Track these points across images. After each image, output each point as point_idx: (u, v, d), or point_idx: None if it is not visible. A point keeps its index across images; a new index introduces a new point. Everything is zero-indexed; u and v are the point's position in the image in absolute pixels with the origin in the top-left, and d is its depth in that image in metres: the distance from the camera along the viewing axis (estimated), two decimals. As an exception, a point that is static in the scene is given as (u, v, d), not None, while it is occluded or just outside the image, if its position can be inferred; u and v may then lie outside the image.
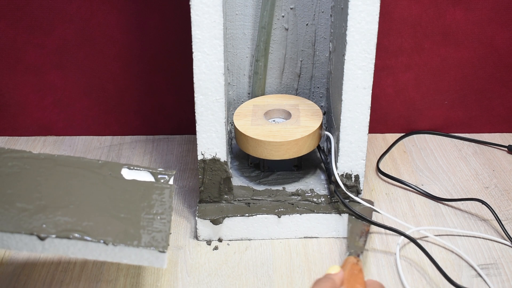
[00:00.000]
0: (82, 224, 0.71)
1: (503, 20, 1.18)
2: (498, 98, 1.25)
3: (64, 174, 0.77)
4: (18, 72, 1.20)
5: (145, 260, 0.71)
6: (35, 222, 0.70)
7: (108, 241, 0.70)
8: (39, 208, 0.72)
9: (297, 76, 1.11)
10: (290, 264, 0.94)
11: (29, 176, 0.75)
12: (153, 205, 0.76)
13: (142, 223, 0.73)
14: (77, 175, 0.78)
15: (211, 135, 0.93)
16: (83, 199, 0.74)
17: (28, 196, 0.73)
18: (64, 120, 1.25)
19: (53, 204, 0.72)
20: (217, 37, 0.87)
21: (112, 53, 1.19)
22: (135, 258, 0.71)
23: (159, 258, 0.71)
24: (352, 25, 0.86)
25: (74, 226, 0.70)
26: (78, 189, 0.75)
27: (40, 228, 0.69)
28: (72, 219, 0.71)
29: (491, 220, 1.02)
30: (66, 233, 0.69)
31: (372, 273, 0.92)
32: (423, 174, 1.15)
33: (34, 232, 0.69)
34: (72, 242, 0.70)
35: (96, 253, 0.70)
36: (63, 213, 0.72)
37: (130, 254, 0.71)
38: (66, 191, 0.75)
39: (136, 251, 0.71)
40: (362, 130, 0.93)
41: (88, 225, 0.71)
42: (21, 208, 0.71)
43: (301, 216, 0.97)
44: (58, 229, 0.70)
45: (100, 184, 0.77)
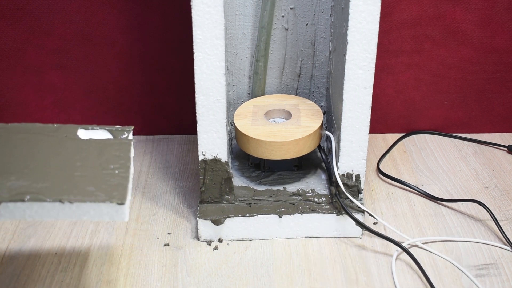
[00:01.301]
0: (37, 186, 0.70)
1: (503, 20, 1.18)
2: (498, 98, 1.25)
3: (19, 140, 0.76)
4: (18, 72, 1.20)
5: (105, 215, 0.70)
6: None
7: (64, 199, 0.69)
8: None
9: (297, 76, 1.11)
10: (290, 264, 0.94)
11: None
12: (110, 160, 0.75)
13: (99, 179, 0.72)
14: (31, 140, 0.77)
15: (212, 136, 0.93)
16: (38, 163, 0.73)
17: None
18: (64, 120, 1.25)
19: (6, 170, 0.71)
20: (218, 38, 0.87)
21: (112, 53, 1.19)
22: (94, 214, 0.70)
23: (119, 211, 0.69)
24: (353, 25, 0.86)
25: (28, 188, 0.69)
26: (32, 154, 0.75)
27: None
28: (26, 183, 0.70)
29: (490, 220, 1.02)
30: (21, 196, 0.68)
31: (372, 273, 0.92)
32: (423, 174, 1.15)
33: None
34: (27, 204, 0.68)
35: (53, 213, 0.69)
36: (17, 178, 0.71)
37: (89, 210, 0.69)
38: (21, 156, 0.74)
39: (94, 206, 0.69)
40: (363, 129, 0.93)
41: (43, 186, 0.70)
42: None
43: (302, 216, 0.97)
44: (12, 193, 0.69)
45: (56, 147, 0.76)
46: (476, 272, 0.92)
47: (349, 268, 0.93)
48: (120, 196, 0.70)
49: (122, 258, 0.95)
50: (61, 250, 0.96)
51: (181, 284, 0.90)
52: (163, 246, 0.97)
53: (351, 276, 0.92)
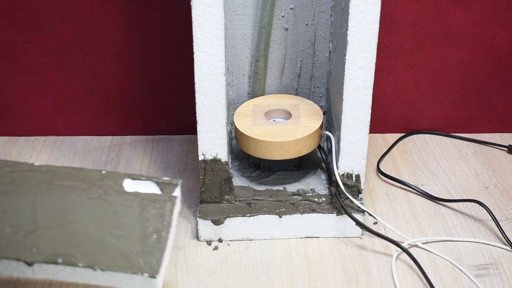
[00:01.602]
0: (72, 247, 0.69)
1: (503, 20, 1.18)
2: (498, 98, 1.25)
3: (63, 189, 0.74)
4: (18, 72, 1.20)
5: (137, 285, 0.69)
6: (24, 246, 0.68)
7: (96, 267, 0.68)
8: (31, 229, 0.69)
9: (297, 76, 1.11)
10: (290, 264, 0.94)
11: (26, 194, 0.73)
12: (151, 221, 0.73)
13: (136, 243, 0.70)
14: (76, 189, 0.75)
15: (212, 136, 0.93)
16: (79, 217, 0.72)
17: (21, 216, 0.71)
18: (64, 120, 1.25)
19: (46, 225, 0.70)
20: (218, 38, 0.86)
21: (112, 53, 1.19)
22: (126, 283, 0.69)
23: (150, 284, 0.68)
24: (353, 25, 0.86)
25: (64, 249, 0.68)
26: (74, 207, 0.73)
27: (29, 253, 0.67)
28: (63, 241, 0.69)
29: (490, 220, 1.02)
30: (54, 258, 0.67)
31: (372, 273, 0.92)
32: (423, 174, 1.15)
33: (21, 257, 0.67)
34: (60, 267, 0.68)
35: (86, 278, 0.68)
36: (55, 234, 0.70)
37: (121, 279, 0.68)
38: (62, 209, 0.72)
39: (126, 277, 0.68)
40: (363, 129, 0.93)
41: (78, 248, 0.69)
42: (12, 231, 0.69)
43: (302, 216, 0.97)
44: (47, 253, 0.68)
45: (99, 200, 0.74)
46: (476, 272, 0.92)
47: (349, 268, 0.93)
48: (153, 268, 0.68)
49: (122, 258, 0.95)
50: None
51: (181, 284, 0.90)
52: (163, 246, 0.97)
53: (351, 276, 0.92)
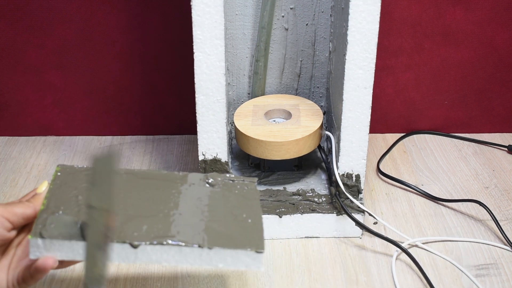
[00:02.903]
0: (174, 230, 0.69)
1: (503, 20, 1.18)
2: (498, 98, 1.25)
3: (148, 186, 0.75)
4: (18, 72, 1.20)
5: (241, 263, 0.69)
6: (126, 230, 0.68)
7: (203, 245, 0.68)
8: (128, 217, 0.70)
9: (297, 76, 1.11)
10: (290, 264, 0.94)
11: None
12: (242, 209, 0.74)
13: (234, 226, 0.71)
14: (160, 186, 0.76)
15: (212, 136, 0.93)
16: (171, 208, 0.73)
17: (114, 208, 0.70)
18: (64, 120, 1.25)
19: (141, 214, 0.71)
20: (218, 38, 0.87)
21: (112, 53, 1.19)
22: (231, 261, 0.69)
23: (256, 260, 0.69)
24: (353, 25, 0.86)
25: (166, 232, 0.69)
26: (164, 199, 0.74)
27: (132, 236, 0.67)
28: (163, 226, 0.69)
29: (490, 220, 1.02)
30: (159, 239, 0.68)
31: (372, 273, 0.92)
32: (423, 174, 1.15)
33: (126, 240, 0.67)
34: (165, 248, 0.68)
35: (190, 259, 0.68)
36: (154, 221, 0.70)
37: (226, 257, 0.69)
38: (153, 201, 0.73)
39: (232, 253, 0.68)
40: (363, 129, 0.93)
41: (180, 231, 0.69)
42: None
43: (302, 216, 0.97)
44: (150, 236, 0.68)
45: (185, 194, 0.75)
46: (476, 272, 0.92)
47: (349, 268, 0.93)
48: (258, 244, 0.69)
49: (122, 258, 0.95)
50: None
51: (181, 284, 0.90)
52: (163, 246, 0.97)
53: (351, 276, 0.92)
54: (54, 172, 0.75)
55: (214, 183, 0.78)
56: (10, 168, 1.16)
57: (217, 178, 0.78)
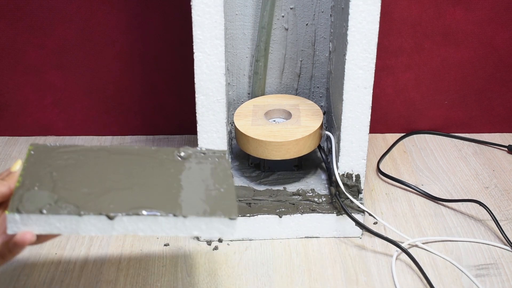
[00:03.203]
0: (149, 201, 0.71)
1: (503, 20, 1.18)
2: (498, 98, 1.25)
3: (121, 160, 0.77)
4: (18, 72, 1.20)
5: (215, 230, 0.71)
6: (101, 203, 0.70)
7: (178, 213, 0.70)
8: (104, 190, 0.71)
9: (297, 76, 1.11)
10: (290, 264, 0.94)
11: (87, 166, 0.75)
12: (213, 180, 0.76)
13: (206, 195, 0.73)
14: (133, 160, 0.77)
15: (212, 136, 0.93)
16: (145, 181, 0.74)
17: (89, 182, 0.72)
18: (64, 120, 1.25)
19: (116, 187, 0.72)
20: (218, 38, 0.87)
21: (112, 53, 1.19)
22: (206, 229, 0.71)
23: (230, 226, 0.71)
24: (353, 25, 0.86)
25: (141, 203, 0.70)
26: (138, 173, 0.75)
27: (108, 208, 0.69)
28: (138, 198, 0.71)
29: (490, 220, 1.02)
30: (135, 210, 0.69)
31: (372, 273, 0.92)
32: (423, 174, 1.15)
33: (103, 212, 0.68)
34: (141, 218, 0.69)
35: (166, 228, 0.70)
36: (128, 194, 0.72)
37: (200, 224, 0.70)
38: (127, 175, 0.75)
39: (207, 221, 0.70)
40: (363, 129, 0.93)
41: (154, 201, 0.71)
42: (85, 192, 0.71)
43: (302, 216, 0.97)
44: (126, 207, 0.70)
45: (159, 167, 0.77)
46: (476, 272, 0.92)
47: (349, 268, 0.93)
48: (231, 211, 0.71)
49: (122, 258, 0.95)
50: (61, 250, 0.96)
51: (181, 284, 0.90)
52: (163, 246, 0.97)
53: (351, 276, 0.92)
54: (27, 151, 0.76)
55: (186, 156, 0.79)
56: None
57: (189, 151, 0.80)
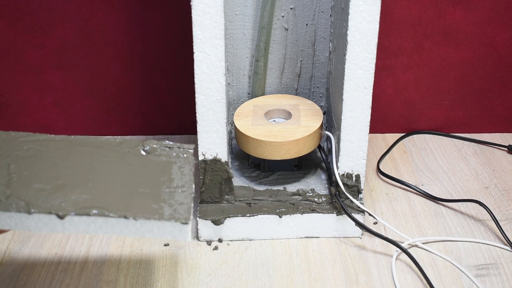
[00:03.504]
0: (101, 200, 0.70)
1: (503, 20, 1.18)
2: (498, 98, 1.25)
3: (82, 153, 0.76)
4: (18, 72, 1.20)
5: (168, 233, 0.70)
6: (53, 201, 0.69)
7: (128, 216, 0.68)
8: (57, 187, 0.70)
9: (297, 76, 1.11)
10: (290, 264, 0.94)
11: (46, 158, 0.74)
12: (173, 178, 0.75)
13: (163, 196, 0.72)
14: (94, 154, 0.76)
15: (212, 136, 0.93)
16: (102, 177, 0.73)
17: (45, 176, 0.71)
18: (64, 120, 1.25)
19: (71, 183, 0.71)
20: (218, 38, 0.87)
21: (112, 53, 1.19)
22: (158, 232, 0.69)
23: (182, 231, 0.70)
24: (353, 25, 0.86)
25: (93, 203, 0.69)
26: (96, 167, 0.74)
27: (59, 207, 0.68)
28: (91, 197, 0.70)
29: (490, 220, 1.02)
30: (86, 210, 0.68)
31: (372, 273, 0.92)
32: (423, 174, 1.15)
33: (53, 211, 0.67)
34: (92, 219, 0.68)
35: (117, 229, 0.69)
36: (82, 191, 0.70)
37: (152, 227, 0.69)
38: (84, 169, 0.73)
39: (158, 224, 0.69)
40: (363, 129, 0.93)
41: (108, 201, 0.70)
42: (38, 188, 0.70)
43: (302, 216, 0.97)
44: (77, 206, 0.68)
45: (119, 161, 0.76)
46: (476, 272, 0.92)
47: (349, 268, 0.93)
48: (184, 215, 0.70)
49: (122, 258, 0.95)
50: (61, 250, 0.96)
51: (181, 284, 0.90)
52: (163, 246, 0.97)
53: (351, 276, 0.92)
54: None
55: (150, 151, 0.77)
56: (10, 168, 1.16)
57: (153, 145, 0.78)
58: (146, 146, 0.78)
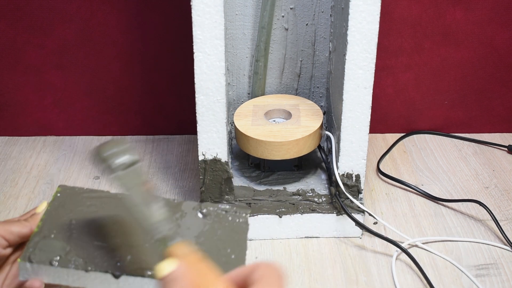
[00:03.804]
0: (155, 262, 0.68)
1: (503, 20, 1.18)
2: (498, 98, 1.25)
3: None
4: (18, 72, 1.20)
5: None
6: (110, 260, 0.69)
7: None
8: (115, 246, 0.71)
9: (297, 76, 1.11)
10: (290, 264, 0.94)
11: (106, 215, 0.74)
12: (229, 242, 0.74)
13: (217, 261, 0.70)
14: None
15: (212, 136, 0.93)
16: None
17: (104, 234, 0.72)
18: (64, 120, 1.25)
19: (128, 243, 0.71)
20: (218, 38, 0.86)
21: (112, 53, 1.19)
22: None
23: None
24: (353, 25, 0.86)
25: (148, 264, 0.69)
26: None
27: (115, 266, 0.69)
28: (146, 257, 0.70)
29: (490, 220, 1.02)
30: (141, 271, 0.68)
31: (372, 273, 0.92)
32: (423, 174, 1.15)
33: (109, 270, 0.68)
34: (146, 280, 0.69)
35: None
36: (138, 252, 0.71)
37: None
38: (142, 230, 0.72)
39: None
40: (363, 129, 0.93)
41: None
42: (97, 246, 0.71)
43: (302, 216, 0.97)
44: (133, 267, 0.69)
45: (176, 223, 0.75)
46: (476, 272, 0.92)
47: (349, 268, 0.93)
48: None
49: (122, 258, 0.95)
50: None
51: (181, 284, 0.90)
52: (163, 246, 0.97)
53: (351, 276, 0.92)
54: (54, 193, 0.76)
55: (207, 213, 0.77)
56: (10, 168, 1.16)
57: (210, 208, 0.78)
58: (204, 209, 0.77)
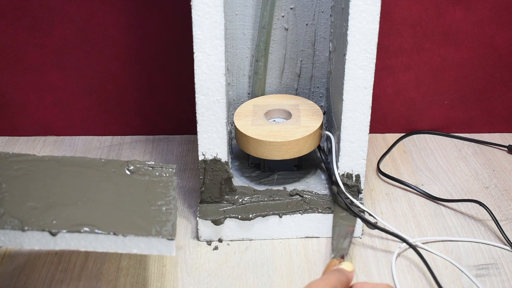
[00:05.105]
0: (91, 218, 0.74)
1: (503, 20, 1.18)
2: (498, 98, 1.25)
3: (69, 173, 0.80)
4: (18, 72, 1.20)
5: (154, 249, 0.74)
6: (45, 219, 0.72)
7: (118, 232, 0.73)
8: (48, 206, 0.74)
9: (297, 76, 1.11)
10: (290, 264, 0.94)
11: (35, 178, 0.78)
12: (157, 197, 0.79)
13: (149, 214, 0.76)
14: (81, 174, 0.80)
15: (212, 136, 0.93)
16: (90, 196, 0.77)
17: (36, 195, 0.75)
18: (64, 120, 1.25)
19: (61, 202, 0.75)
20: (218, 37, 0.86)
21: (112, 53, 1.19)
22: (145, 247, 0.74)
23: (168, 246, 0.74)
24: (353, 25, 0.86)
25: (83, 220, 0.73)
26: (84, 187, 0.78)
27: (51, 224, 0.72)
28: (81, 215, 0.74)
29: (490, 220, 1.02)
30: (77, 228, 0.72)
31: (372, 273, 0.92)
32: (423, 174, 1.15)
33: (46, 228, 0.71)
34: (82, 236, 0.72)
35: (106, 245, 0.73)
36: (72, 210, 0.74)
37: (140, 243, 0.73)
38: (73, 189, 0.77)
39: (146, 240, 0.73)
40: (363, 129, 0.93)
41: (97, 219, 0.74)
42: (31, 206, 0.73)
43: (302, 216, 0.97)
44: (69, 224, 0.72)
45: (105, 181, 0.80)
46: (476, 272, 0.92)
47: (349, 268, 0.93)
48: (170, 232, 0.74)
49: (122, 258, 0.95)
50: (61, 250, 0.96)
51: (181, 284, 0.90)
52: (163, 246, 0.97)
53: (351, 276, 0.92)
54: None
55: (135, 170, 0.82)
56: (10, 168, 1.16)
57: (137, 165, 0.82)
58: (131, 166, 0.82)
